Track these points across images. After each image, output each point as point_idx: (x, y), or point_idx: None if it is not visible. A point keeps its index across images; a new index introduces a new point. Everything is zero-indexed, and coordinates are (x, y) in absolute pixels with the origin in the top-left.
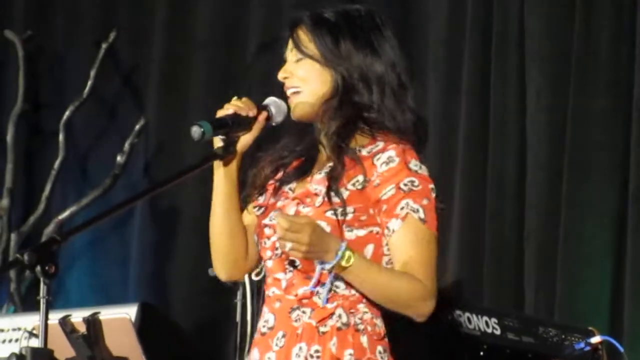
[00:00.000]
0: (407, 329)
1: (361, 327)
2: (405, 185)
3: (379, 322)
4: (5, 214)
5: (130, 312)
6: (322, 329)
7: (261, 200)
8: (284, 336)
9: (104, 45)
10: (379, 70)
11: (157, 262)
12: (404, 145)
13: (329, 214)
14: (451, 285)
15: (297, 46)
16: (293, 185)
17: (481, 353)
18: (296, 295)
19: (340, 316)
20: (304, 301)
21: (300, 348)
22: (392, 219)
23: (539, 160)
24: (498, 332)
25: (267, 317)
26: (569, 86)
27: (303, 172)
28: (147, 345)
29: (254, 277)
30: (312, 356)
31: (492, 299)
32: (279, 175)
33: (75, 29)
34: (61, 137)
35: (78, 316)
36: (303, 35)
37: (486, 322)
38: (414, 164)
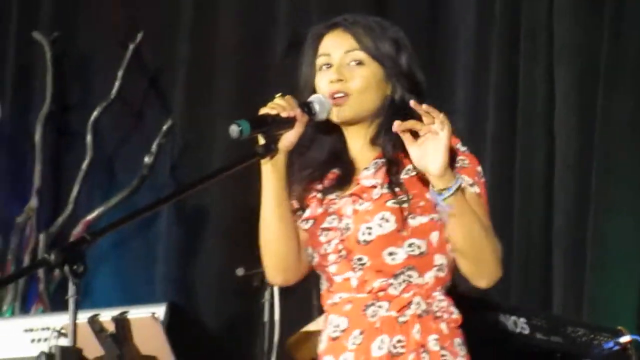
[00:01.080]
0: None
1: (439, 314)
2: (457, 163)
3: (454, 309)
4: (33, 214)
5: (158, 311)
6: (401, 319)
7: (307, 213)
8: (361, 333)
9: (130, 46)
10: (423, 84)
11: (184, 263)
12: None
13: (390, 203)
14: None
15: (366, 48)
16: (338, 193)
17: (509, 353)
18: (371, 291)
19: (419, 304)
20: (380, 294)
21: (382, 341)
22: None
23: (567, 161)
24: (527, 331)
25: (336, 322)
26: (598, 87)
27: (344, 181)
28: (175, 345)
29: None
30: (395, 347)
31: (520, 299)
32: (318, 186)
33: (102, 30)
34: (89, 138)
35: (107, 315)
36: (367, 38)
37: (514, 322)
38: (461, 145)
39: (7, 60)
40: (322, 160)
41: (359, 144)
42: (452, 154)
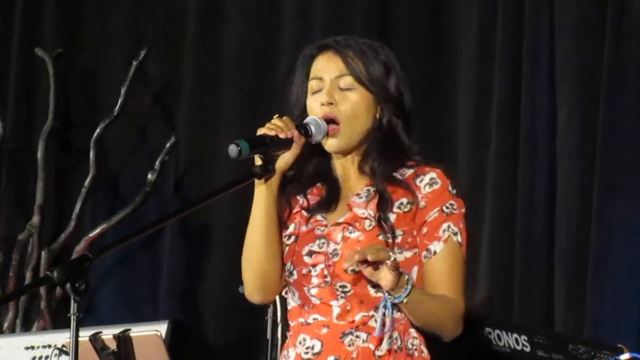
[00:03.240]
0: (438, 347)
1: (411, 352)
2: (447, 208)
3: (424, 348)
4: (36, 231)
5: (160, 329)
6: (377, 352)
7: (291, 229)
8: None
9: (134, 63)
10: (410, 109)
11: (188, 280)
12: (439, 168)
13: (381, 237)
14: (482, 303)
15: (355, 73)
16: (323, 214)
17: None
18: (353, 322)
19: (396, 339)
20: (361, 326)
21: None
22: (434, 242)
23: (569, 180)
24: (528, 349)
25: (309, 344)
26: (599, 106)
27: (330, 202)
28: None
29: (284, 294)
30: None
31: (522, 317)
32: (302, 203)
33: (106, 46)
34: (92, 154)
35: (109, 333)
36: (358, 63)
37: (516, 340)
38: (451, 187)
39: (10, 76)
40: (307, 175)
41: (345, 165)
42: (444, 199)
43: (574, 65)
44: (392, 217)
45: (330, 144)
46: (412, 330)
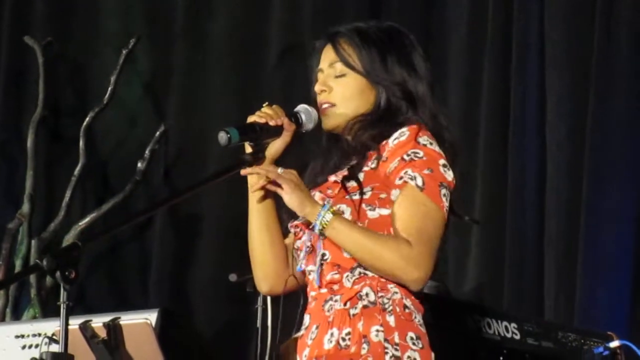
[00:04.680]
0: (427, 334)
1: (388, 307)
2: (407, 155)
3: (409, 303)
4: (25, 220)
5: (150, 317)
6: (352, 311)
7: (298, 221)
8: (317, 328)
9: (124, 52)
10: (420, 91)
11: (178, 268)
12: (423, 127)
13: (347, 197)
14: (472, 291)
15: (344, 59)
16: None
17: (501, 358)
18: (327, 284)
19: (367, 294)
20: (335, 287)
21: (332, 334)
22: (392, 190)
23: (559, 168)
24: (518, 337)
25: (305, 321)
26: (589, 94)
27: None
28: (168, 351)
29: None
30: (343, 339)
31: (512, 304)
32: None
33: (96, 35)
34: (81, 143)
35: (98, 321)
36: (348, 49)
37: (506, 327)
38: (425, 139)
39: None
40: (327, 168)
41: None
42: (407, 148)
43: (564, 54)
44: (361, 176)
45: (324, 122)
46: (391, 286)
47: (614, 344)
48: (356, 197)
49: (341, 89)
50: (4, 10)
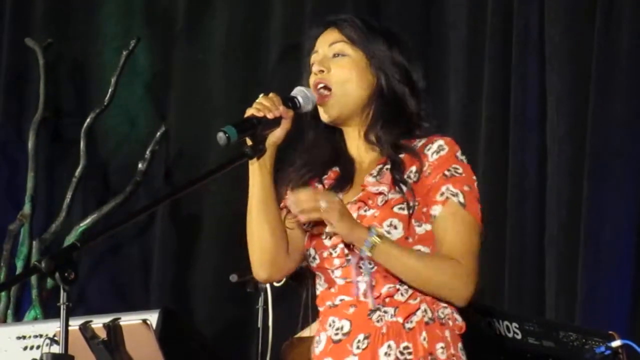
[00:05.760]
0: None
1: (444, 321)
2: (448, 171)
3: (458, 316)
4: (26, 221)
5: (151, 318)
6: (407, 325)
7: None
8: (366, 338)
9: (124, 53)
10: (421, 84)
11: (179, 269)
12: (448, 136)
13: (396, 209)
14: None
15: (348, 36)
16: (340, 195)
17: (502, 358)
18: (379, 297)
19: (425, 311)
20: (387, 300)
21: (389, 346)
22: (433, 206)
23: (559, 166)
24: (519, 336)
25: (338, 325)
26: (589, 92)
27: (344, 182)
28: (168, 351)
29: (275, 284)
30: (402, 353)
31: (513, 304)
32: (318, 186)
33: (96, 36)
34: (82, 144)
35: (99, 322)
36: (351, 29)
37: (507, 327)
38: (460, 153)
39: (0, 66)
40: (324, 159)
41: (355, 141)
42: (448, 164)
43: (564, 51)
44: (404, 188)
45: (323, 113)
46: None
47: (616, 343)
48: (404, 211)
49: (339, 69)
50: (5, 11)
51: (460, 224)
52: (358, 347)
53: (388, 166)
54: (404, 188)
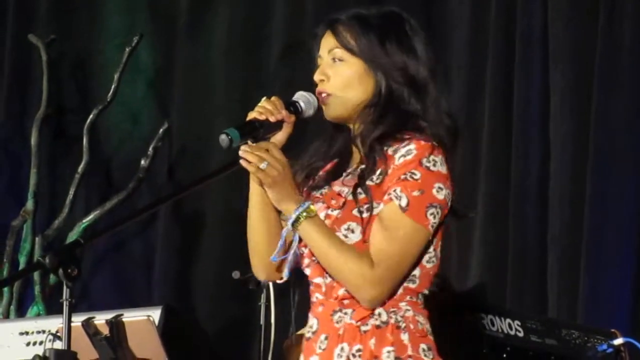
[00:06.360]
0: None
1: (402, 324)
2: (404, 175)
3: (421, 319)
4: (29, 217)
5: (153, 314)
6: (363, 327)
7: None
8: (326, 338)
9: (127, 49)
10: (422, 76)
11: (181, 266)
12: (429, 141)
13: (355, 211)
14: (475, 288)
15: (343, 44)
16: (325, 190)
17: (504, 355)
18: (336, 297)
19: (379, 314)
20: (345, 302)
21: (342, 348)
22: (379, 205)
23: (562, 164)
24: (521, 334)
25: (311, 322)
26: (592, 89)
27: (335, 176)
28: (171, 348)
29: (278, 281)
30: (354, 355)
31: (515, 302)
32: (311, 182)
33: (99, 32)
34: (85, 141)
35: (101, 318)
36: (347, 34)
37: (509, 325)
38: (429, 159)
39: (3, 63)
40: (332, 150)
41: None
42: (408, 168)
43: (567, 50)
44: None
45: (325, 113)
46: (403, 304)
47: (618, 341)
48: (365, 214)
49: (339, 77)
50: (8, 9)
51: (393, 229)
52: (320, 347)
53: (363, 166)
54: (361, 192)
